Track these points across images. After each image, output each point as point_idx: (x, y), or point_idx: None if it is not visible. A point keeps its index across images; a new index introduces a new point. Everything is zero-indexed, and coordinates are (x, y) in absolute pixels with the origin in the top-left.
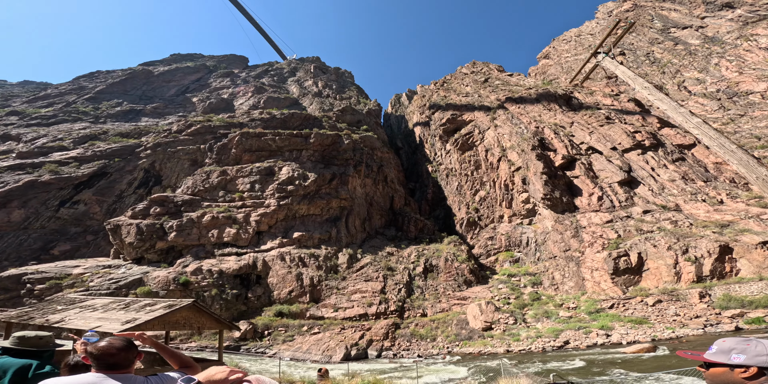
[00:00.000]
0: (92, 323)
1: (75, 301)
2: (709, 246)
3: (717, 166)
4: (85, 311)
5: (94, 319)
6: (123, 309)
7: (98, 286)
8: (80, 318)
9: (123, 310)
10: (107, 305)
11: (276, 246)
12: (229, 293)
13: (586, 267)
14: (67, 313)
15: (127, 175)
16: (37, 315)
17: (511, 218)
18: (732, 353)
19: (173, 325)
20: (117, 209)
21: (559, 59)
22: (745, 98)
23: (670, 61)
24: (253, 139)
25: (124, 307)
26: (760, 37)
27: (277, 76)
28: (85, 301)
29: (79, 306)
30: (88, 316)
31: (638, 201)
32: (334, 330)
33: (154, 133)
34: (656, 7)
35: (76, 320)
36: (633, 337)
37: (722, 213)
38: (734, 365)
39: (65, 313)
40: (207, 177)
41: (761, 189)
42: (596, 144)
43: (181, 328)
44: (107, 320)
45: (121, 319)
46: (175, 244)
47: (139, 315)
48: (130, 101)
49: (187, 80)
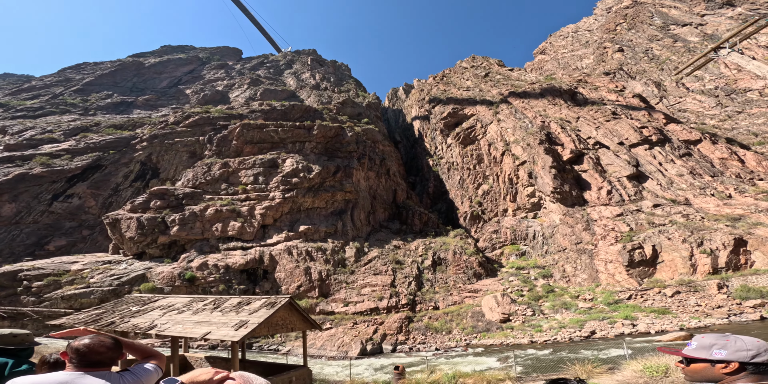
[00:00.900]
0: (195, 329)
1: (146, 301)
2: (724, 239)
3: (723, 161)
4: (171, 314)
5: (191, 323)
6: (216, 309)
7: (99, 283)
8: (173, 322)
9: (217, 311)
10: (190, 305)
11: (282, 240)
12: (237, 289)
13: (600, 259)
14: (151, 317)
15: (122, 167)
16: (117, 319)
17: (515, 212)
18: (713, 349)
19: (273, 327)
20: (113, 203)
21: (555, 55)
22: (743, 95)
23: (669, 58)
24: (255, 130)
25: (216, 308)
26: (760, 36)
27: (273, 69)
28: (155, 300)
29: (155, 307)
30: (180, 320)
31: (647, 195)
32: (347, 325)
33: (150, 125)
34: (656, 4)
35: (172, 326)
36: (659, 326)
37: (732, 207)
38: (716, 360)
39: (148, 317)
40: (208, 169)
41: None
42: (603, 139)
43: (279, 330)
44: (210, 325)
45: (228, 322)
46: (178, 238)
47: (249, 317)
48: (120, 93)
49: (179, 72)
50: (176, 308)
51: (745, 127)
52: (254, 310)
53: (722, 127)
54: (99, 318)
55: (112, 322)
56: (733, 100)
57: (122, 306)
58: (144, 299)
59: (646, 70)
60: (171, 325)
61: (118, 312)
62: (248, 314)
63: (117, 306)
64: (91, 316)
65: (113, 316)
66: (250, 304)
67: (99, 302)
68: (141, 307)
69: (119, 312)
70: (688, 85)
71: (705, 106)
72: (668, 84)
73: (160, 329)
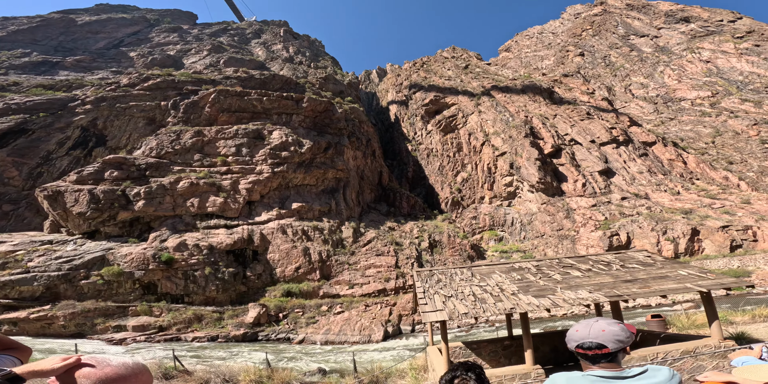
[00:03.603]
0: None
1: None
2: (683, 228)
3: (670, 162)
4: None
5: (606, 286)
6: (606, 273)
7: (43, 267)
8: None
9: (608, 275)
10: (574, 267)
11: (274, 217)
12: (225, 272)
13: (582, 244)
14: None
15: (57, 133)
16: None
17: (492, 199)
18: (569, 341)
19: None
20: (45, 173)
21: (519, 53)
22: (677, 104)
23: (622, 66)
24: (234, 98)
25: (606, 270)
26: (704, 51)
27: (238, 37)
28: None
29: (517, 273)
30: (583, 284)
31: (614, 189)
32: (359, 308)
33: (95, 87)
34: (623, 15)
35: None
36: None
37: (682, 202)
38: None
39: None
40: (177, 137)
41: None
42: (577, 136)
43: None
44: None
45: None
46: (143, 214)
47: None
48: (42, 52)
49: (121, 33)
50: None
51: (674, 133)
52: (671, 276)
53: (656, 131)
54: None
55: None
56: (669, 108)
57: (465, 272)
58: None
59: (600, 74)
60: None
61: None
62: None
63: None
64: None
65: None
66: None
67: (45, 290)
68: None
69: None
70: (635, 92)
71: (645, 111)
72: (618, 89)
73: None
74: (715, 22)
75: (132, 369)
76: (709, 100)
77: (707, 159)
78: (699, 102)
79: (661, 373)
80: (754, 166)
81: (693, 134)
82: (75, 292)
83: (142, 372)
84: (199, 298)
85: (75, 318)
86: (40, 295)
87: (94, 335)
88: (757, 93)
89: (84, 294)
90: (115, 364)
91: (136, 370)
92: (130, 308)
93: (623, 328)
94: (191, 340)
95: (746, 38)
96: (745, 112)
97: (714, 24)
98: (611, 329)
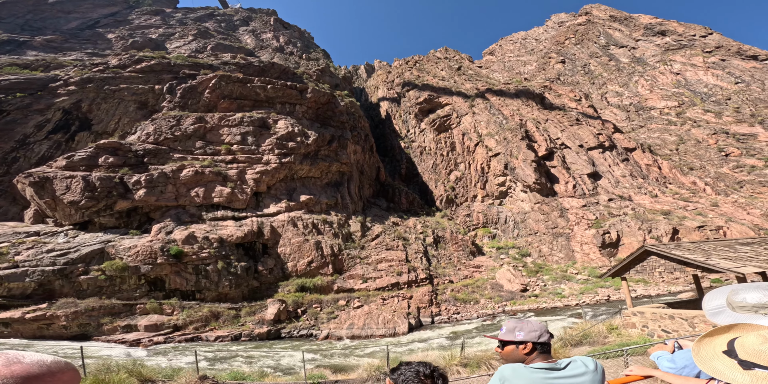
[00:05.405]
0: None
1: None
2: (665, 228)
3: (648, 167)
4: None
5: None
6: None
7: (34, 261)
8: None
9: None
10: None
11: (283, 210)
12: (238, 267)
13: (576, 241)
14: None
15: (35, 115)
16: None
17: (484, 198)
18: (516, 331)
19: None
20: (21, 158)
21: (502, 57)
22: (647, 112)
23: (601, 74)
24: (236, 84)
25: None
26: (675, 63)
27: (225, 23)
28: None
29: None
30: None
31: (601, 191)
32: (377, 301)
33: (79, 67)
34: (606, 26)
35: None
36: (653, 291)
37: (661, 204)
38: (518, 342)
39: None
40: (177, 123)
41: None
42: (567, 140)
43: None
44: None
45: None
46: (143, 204)
47: None
48: (6, 30)
49: (96, 13)
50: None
51: (643, 139)
52: None
53: (627, 136)
54: None
55: None
56: (640, 116)
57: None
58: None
59: (579, 82)
60: None
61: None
62: None
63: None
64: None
65: None
66: None
67: (38, 287)
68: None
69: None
70: (610, 100)
71: (618, 118)
72: (595, 96)
73: None
74: (688, 36)
75: (49, 367)
76: (676, 110)
77: (675, 165)
78: (666, 111)
79: (587, 362)
80: (711, 172)
81: (660, 141)
82: (72, 288)
83: (62, 371)
84: (211, 295)
85: (77, 317)
86: (32, 292)
87: (101, 336)
88: (718, 104)
89: (83, 291)
90: (28, 362)
91: (54, 368)
92: (138, 306)
93: None
94: (213, 340)
95: (714, 53)
96: (706, 122)
97: (687, 38)
98: None
